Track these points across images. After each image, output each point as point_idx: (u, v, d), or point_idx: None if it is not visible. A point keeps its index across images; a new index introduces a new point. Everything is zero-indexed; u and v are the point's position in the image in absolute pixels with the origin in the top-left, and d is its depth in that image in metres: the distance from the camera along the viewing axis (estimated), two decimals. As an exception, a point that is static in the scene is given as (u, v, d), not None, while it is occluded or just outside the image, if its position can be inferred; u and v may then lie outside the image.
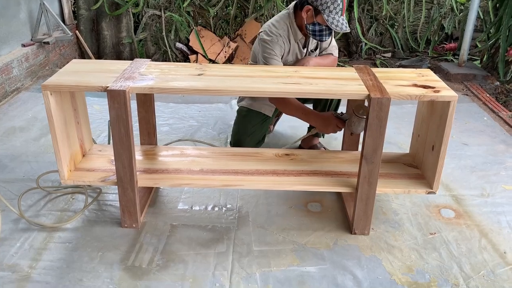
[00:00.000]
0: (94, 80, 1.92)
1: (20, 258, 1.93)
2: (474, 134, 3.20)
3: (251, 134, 2.63)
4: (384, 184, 2.09)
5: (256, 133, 2.65)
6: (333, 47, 2.64)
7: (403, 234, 2.14)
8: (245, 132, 2.64)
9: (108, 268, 1.88)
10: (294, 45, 2.49)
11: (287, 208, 2.31)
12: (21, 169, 2.61)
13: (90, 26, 4.92)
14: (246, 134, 2.63)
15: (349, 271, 1.90)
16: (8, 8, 3.77)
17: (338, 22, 2.29)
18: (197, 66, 2.17)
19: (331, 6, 2.26)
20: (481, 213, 2.31)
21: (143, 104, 2.32)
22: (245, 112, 2.62)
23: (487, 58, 4.59)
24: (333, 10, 2.27)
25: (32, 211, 2.24)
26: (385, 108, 1.83)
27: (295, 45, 2.49)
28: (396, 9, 5.41)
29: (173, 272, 1.88)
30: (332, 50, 2.64)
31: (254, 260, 1.95)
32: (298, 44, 2.50)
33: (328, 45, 2.61)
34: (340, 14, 2.29)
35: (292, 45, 2.48)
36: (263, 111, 2.60)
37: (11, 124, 3.21)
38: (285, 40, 2.44)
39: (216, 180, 2.12)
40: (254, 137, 2.65)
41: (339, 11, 2.29)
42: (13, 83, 3.78)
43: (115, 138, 1.91)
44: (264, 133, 2.72)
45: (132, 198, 2.05)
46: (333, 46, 2.64)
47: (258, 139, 2.69)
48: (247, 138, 2.63)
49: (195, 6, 4.91)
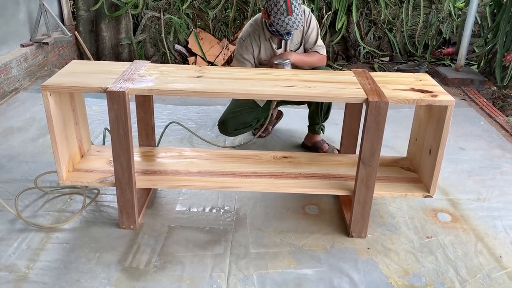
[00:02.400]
0: (93, 81, 1.93)
1: (17, 258, 1.93)
2: (471, 138, 3.22)
3: (235, 114, 2.75)
4: (381, 187, 2.11)
5: (240, 116, 2.75)
6: (318, 46, 2.71)
7: (400, 238, 2.15)
8: (231, 111, 2.77)
9: (105, 269, 1.89)
10: (265, 44, 2.64)
11: (285, 211, 2.32)
12: (19, 170, 2.61)
13: (89, 27, 4.93)
14: (231, 113, 2.76)
15: (345, 274, 1.91)
16: (7, 8, 3.77)
17: (283, 22, 2.40)
18: (196, 68, 2.18)
19: (275, 7, 2.40)
20: (477, 217, 2.33)
21: (142, 106, 2.32)
22: None
23: (485, 63, 4.62)
24: (277, 11, 2.40)
25: (30, 211, 2.24)
26: (383, 112, 1.85)
27: (266, 44, 2.64)
28: (395, 14, 5.43)
29: (170, 274, 1.88)
30: (318, 49, 2.71)
31: (251, 262, 1.96)
32: (270, 42, 2.63)
33: (313, 44, 2.68)
34: (286, 14, 2.39)
35: (263, 44, 2.64)
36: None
37: (9, 124, 3.21)
38: (257, 39, 2.62)
39: (214, 182, 2.13)
40: (237, 119, 2.75)
41: (283, 12, 2.39)
42: (12, 83, 3.78)
43: (114, 139, 1.91)
44: (251, 122, 2.81)
45: (130, 199, 2.05)
46: (319, 45, 2.71)
47: (241, 122, 2.77)
48: (231, 118, 2.75)
49: (194, 8, 4.93)
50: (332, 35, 5.30)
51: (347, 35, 5.29)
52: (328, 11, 5.16)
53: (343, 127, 2.42)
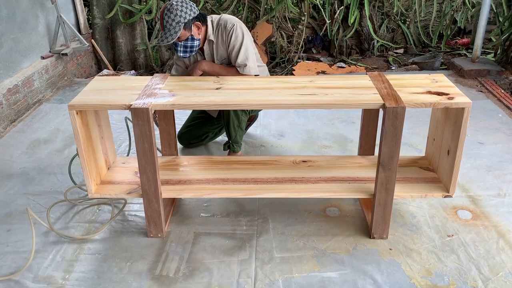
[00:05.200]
0: (117, 98, 2.00)
1: (53, 270, 2.03)
2: (489, 132, 3.21)
3: (188, 129, 3.00)
4: (401, 189, 2.14)
5: (192, 131, 2.99)
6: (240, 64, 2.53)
7: (421, 237, 2.19)
8: (184, 126, 3.02)
9: (137, 278, 1.97)
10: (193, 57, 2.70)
11: (306, 214, 2.37)
12: (48, 182, 2.72)
13: (105, 34, 5.02)
14: (185, 128, 3.01)
15: (369, 276, 1.96)
16: (27, 22, 3.88)
17: (157, 38, 2.54)
18: (215, 80, 2.24)
19: None
20: (498, 213, 2.34)
21: (163, 117, 2.39)
22: None
23: (501, 52, 4.57)
24: None
25: (61, 223, 2.34)
26: (400, 117, 1.88)
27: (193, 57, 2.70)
28: (407, 5, 5.40)
29: (199, 281, 1.96)
30: (240, 67, 2.54)
31: (276, 267, 2.02)
32: (197, 54, 2.68)
33: (234, 62, 2.56)
34: (160, 29, 2.49)
35: None
36: None
37: (36, 136, 3.32)
38: None
39: (237, 189, 2.19)
40: (189, 134, 3.00)
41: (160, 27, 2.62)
42: (35, 95, 3.90)
43: (139, 153, 1.99)
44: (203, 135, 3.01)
45: (157, 209, 2.13)
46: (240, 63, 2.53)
47: (194, 136, 3.00)
48: (184, 133, 3.00)
49: (207, 10, 4.97)
50: (345, 30, 5.30)
51: (360, 29, 5.28)
52: (340, 6, 5.16)
53: (361, 129, 2.45)
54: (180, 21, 2.37)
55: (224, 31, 2.54)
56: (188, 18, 2.39)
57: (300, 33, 5.12)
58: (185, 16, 2.38)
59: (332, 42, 5.39)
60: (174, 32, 2.37)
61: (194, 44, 2.49)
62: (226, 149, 2.81)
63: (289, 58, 5.14)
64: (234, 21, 2.55)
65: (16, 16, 3.72)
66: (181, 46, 2.48)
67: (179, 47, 2.48)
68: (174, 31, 2.37)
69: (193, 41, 2.47)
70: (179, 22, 2.36)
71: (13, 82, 3.61)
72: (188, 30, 2.42)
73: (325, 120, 3.47)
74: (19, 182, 2.72)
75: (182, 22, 2.37)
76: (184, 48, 2.49)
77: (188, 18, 2.39)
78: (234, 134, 2.69)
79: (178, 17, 2.36)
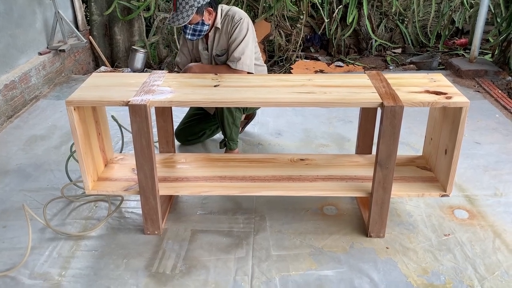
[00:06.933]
0: (115, 95, 1.99)
1: (50, 266, 2.02)
2: (486, 132, 3.22)
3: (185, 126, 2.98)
4: (398, 188, 2.14)
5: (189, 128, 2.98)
6: (234, 58, 2.53)
7: (418, 236, 2.19)
8: (182, 123, 3.01)
9: (133, 275, 1.97)
10: (197, 42, 2.71)
11: (303, 212, 2.38)
12: (45, 178, 2.71)
13: (103, 31, 5.01)
14: (182, 125, 3.00)
15: (365, 274, 1.96)
16: (25, 18, 3.86)
17: (169, 16, 2.48)
18: (213, 77, 2.23)
19: None
20: (494, 213, 2.35)
21: (161, 114, 2.39)
22: None
23: (499, 53, 4.58)
24: None
25: (58, 220, 2.34)
26: (398, 116, 1.88)
27: (198, 42, 2.70)
28: (406, 4, 5.41)
29: (195, 278, 1.95)
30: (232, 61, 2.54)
31: (273, 265, 2.02)
32: (200, 42, 2.68)
33: (230, 54, 2.56)
34: (172, 9, 2.46)
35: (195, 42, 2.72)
36: None
37: (33, 132, 3.31)
38: None
39: (235, 187, 2.19)
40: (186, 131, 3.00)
41: (172, 9, 2.53)
42: (32, 91, 3.88)
43: (137, 150, 1.98)
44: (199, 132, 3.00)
45: (154, 206, 2.12)
46: (236, 57, 2.52)
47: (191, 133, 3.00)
48: (181, 129, 2.99)
49: (206, 8, 4.96)
50: (343, 29, 5.30)
51: (358, 28, 5.29)
52: (339, 5, 5.16)
53: (359, 128, 2.46)
54: (194, 5, 2.38)
55: (230, 22, 2.54)
56: (201, 3, 2.41)
57: (298, 31, 5.12)
58: (199, 1, 2.40)
59: (330, 41, 5.40)
60: (186, 15, 2.39)
61: (203, 29, 2.50)
62: (223, 147, 2.81)
63: (287, 56, 5.14)
64: (243, 16, 2.57)
65: (13, 11, 3.70)
66: (191, 29, 2.49)
67: (188, 29, 2.50)
68: (186, 14, 2.38)
69: (203, 25, 2.49)
70: (192, 5, 2.38)
71: (10, 78, 3.59)
72: (200, 15, 2.44)
73: (323, 119, 3.47)
74: (15, 178, 2.71)
75: (196, 6, 2.39)
76: (193, 32, 2.50)
77: (201, 3, 2.41)
78: (229, 131, 2.69)
79: (192, 0, 2.37)
